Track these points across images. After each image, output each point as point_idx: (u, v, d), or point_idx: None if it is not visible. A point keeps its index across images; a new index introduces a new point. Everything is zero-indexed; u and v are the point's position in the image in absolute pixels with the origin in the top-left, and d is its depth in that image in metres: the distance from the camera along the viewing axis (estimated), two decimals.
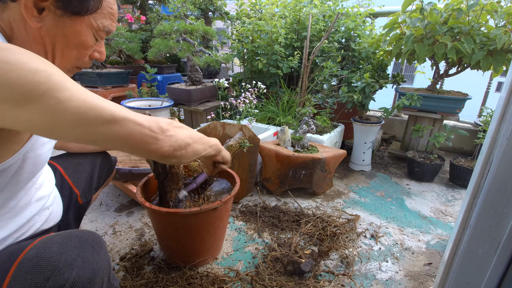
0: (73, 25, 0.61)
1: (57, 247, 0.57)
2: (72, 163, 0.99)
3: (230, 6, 3.44)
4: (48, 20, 0.58)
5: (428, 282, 1.19)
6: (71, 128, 0.52)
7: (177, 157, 0.68)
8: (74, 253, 0.57)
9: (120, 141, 0.58)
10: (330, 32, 2.22)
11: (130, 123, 0.57)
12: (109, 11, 0.66)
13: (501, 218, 0.52)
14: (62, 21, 0.59)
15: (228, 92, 2.94)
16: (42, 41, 0.61)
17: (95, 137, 0.55)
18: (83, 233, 0.63)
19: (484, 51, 1.70)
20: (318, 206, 1.72)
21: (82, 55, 0.67)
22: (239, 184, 1.20)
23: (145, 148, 0.61)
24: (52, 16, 0.58)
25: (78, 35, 0.63)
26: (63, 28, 0.60)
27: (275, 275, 1.17)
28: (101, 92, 2.78)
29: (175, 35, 2.47)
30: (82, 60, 0.68)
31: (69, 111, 0.50)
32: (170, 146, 0.65)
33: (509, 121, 0.48)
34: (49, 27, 0.59)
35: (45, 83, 0.48)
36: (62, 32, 0.61)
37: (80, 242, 0.60)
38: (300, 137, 1.78)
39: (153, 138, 0.61)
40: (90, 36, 0.65)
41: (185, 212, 1.01)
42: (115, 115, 0.55)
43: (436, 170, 2.04)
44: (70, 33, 0.61)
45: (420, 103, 2.02)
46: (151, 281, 1.12)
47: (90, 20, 0.62)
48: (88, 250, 0.60)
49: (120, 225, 1.50)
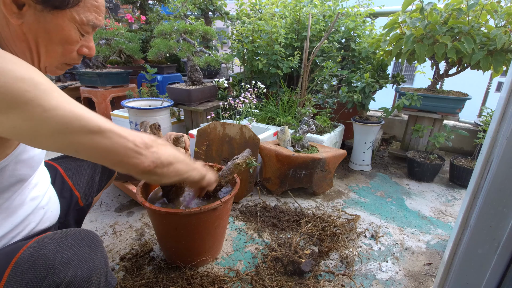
0: (55, 19, 0.59)
1: (53, 246, 0.57)
2: (73, 165, 0.99)
3: (230, 6, 3.44)
4: (29, 15, 0.57)
5: (428, 282, 1.19)
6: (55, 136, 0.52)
7: (158, 174, 0.67)
8: (70, 252, 0.57)
9: (103, 153, 0.57)
10: (330, 32, 2.22)
11: (115, 135, 0.57)
12: (93, 4, 0.63)
13: (501, 218, 0.52)
14: (43, 16, 0.58)
15: (228, 92, 2.94)
16: (25, 38, 0.59)
17: (78, 147, 0.55)
18: (79, 232, 0.63)
19: (484, 51, 1.69)
20: (318, 206, 1.72)
21: (68, 51, 0.65)
22: (239, 184, 1.20)
23: (127, 161, 0.60)
24: (33, 11, 0.57)
25: (61, 30, 0.61)
26: (44, 24, 0.59)
27: (275, 275, 1.17)
28: (101, 92, 2.78)
29: (175, 35, 2.47)
30: (70, 56, 0.66)
31: (54, 120, 0.50)
32: (152, 162, 0.64)
33: (509, 121, 0.48)
34: (30, 23, 0.58)
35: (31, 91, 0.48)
36: (44, 28, 0.59)
37: (76, 241, 0.60)
38: (300, 137, 1.78)
39: (135, 152, 0.61)
40: (74, 30, 0.63)
41: (185, 212, 1.01)
42: (100, 126, 0.55)
43: (436, 170, 2.04)
44: (52, 28, 0.60)
45: (420, 103, 2.02)
46: (151, 281, 1.12)
47: (72, 14, 0.60)
48: (84, 248, 0.60)
49: (120, 225, 1.50)
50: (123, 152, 0.59)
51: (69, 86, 3.11)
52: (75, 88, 3.14)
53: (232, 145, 1.66)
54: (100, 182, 1.07)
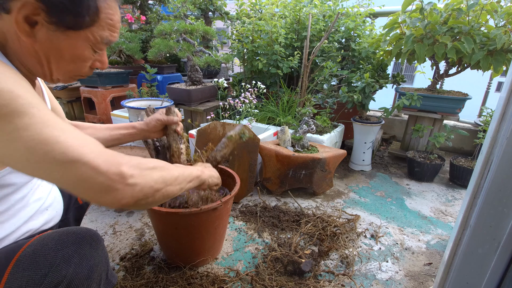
0: (68, 39, 0.58)
1: (54, 244, 0.57)
2: None
3: (230, 6, 3.44)
4: (42, 34, 0.56)
5: (428, 282, 1.19)
6: (23, 161, 0.47)
7: (142, 205, 0.59)
8: (71, 250, 0.57)
9: (71, 186, 0.50)
10: (330, 32, 2.22)
11: (83, 166, 0.49)
12: (108, 23, 0.61)
13: (501, 218, 0.52)
14: (56, 36, 0.56)
15: (228, 92, 2.94)
16: (36, 55, 0.58)
17: (47, 176, 0.50)
18: (80, 230, 0.63)
19: (484, 51, 1.70)
20: (318, 206, 1.72)
21: (81, 67, 0.64)
22: (239, 184, 1.20)
23: (99, 200, 0.52)
24: (46, 30, 0.55)
25: (74, 49, 0.60)
26: (57, 43, 0.57)
27: (275, 275, 1.17)
28: (101, 92, 2.78)
29: (175, 35, 2.47)
30: (82, 71, 0.65)
31: (21, 142, 0.46)
32: (131, 198, 0.54)
33: (509, 121, 0.48)
34: (42, 41, 0.56)
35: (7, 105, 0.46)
36: (57, 47, 0.58)
37: (77, 238, 0.60)
38: (300, 137, 1.78)
39: (108, 188, 0.51)
40: (88, 49, 0.62)
41: (185, 212, 1.01)
42: (66, 155, 0.48)
43: (436, 170, 2.04)
44: (64, 48, 0.58)
45: (420, 103, 2.02)
46: (151, 281, 1.12)
47: (86, 34, 0.59)
48: (85, 246, 0.60)
49: (120, 225, 1.50)
50: (92, 188, 0.50)
51: (69, 86, 3.11)
52: (75, 88, 3.13)
53: None
54: None
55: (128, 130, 1.02)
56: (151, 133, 1.03)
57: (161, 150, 1.11)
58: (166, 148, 1.07)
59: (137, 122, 1.03)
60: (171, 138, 1.05)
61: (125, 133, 1.01)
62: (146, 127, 1.02)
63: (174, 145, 1.04)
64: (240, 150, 1.65)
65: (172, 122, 1.03)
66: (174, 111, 1.05)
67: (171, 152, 1.05)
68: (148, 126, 1.02)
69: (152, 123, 1.02)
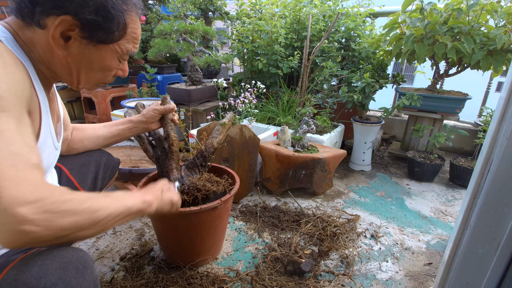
0: (98, 52, 0.64)
1: (36, 270, 0.53)
2: (77, 164, 0.99)
3: (230, 6, 3.44)
4: (74, 48, 0.61)
5: (428, 282, 1.19)
6: None
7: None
8: (55, 277, 0.53)
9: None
10: (330, 32, 2.22)
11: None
12: (133, 36, 0.69)
13: (501, 218, 0.52)
14: (88, 49, 0.63)
15: (228, 92, 2.94)
16: (68, 66, 0.64)
17: None
18: (66, 253, 0.58)
19: (484, 51, 1.69)
20: (318, 206, 1.72)
21: (107, 76, 0.71)
22: (239, 183, 1.20)
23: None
24: (78, 44, 0.61)
25: (103, 60, 0.66)
26: (88, 55, 0.64)
27: (275, 275, 1.17)
28: (101, 92, 2.78)
29: (175, 35, 2.47)
30: (106, 80, 0.73)
31: None
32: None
33: (509, 121, 0.49)
34: (75, 54, 0.62)
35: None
36: (88, 59, 0.64)
37: (62, 263, 0.55)
38: (300, 137, 1.78)
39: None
40: (115, 60, 0.69)
41: (185, 212, 1.01)
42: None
43: (436, 170, 2.04)
44: (95, 59, 0.65)
45: (420, 103, 2.02)
46: (151, 281, 1.12)
47: (115, 47, 0.66)
48: (71, 272, 0.55)
49: (120, 225, 1.50)
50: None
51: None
52: None
53: (232, 145, 1.66)
54: (102, 180, 1.07)
55: (126, 125, 1.02)
56: (149, 124, 1.04)
57: (157, 143, 1.11)
58: (163, 140, 1.09)
59: (133, 116, 1.04)
60: (169, 127, 1.06)
61: (124, 128, 1.02)
62: (143, 118, 1.03)
63: (172, 134, 1.06)
64: (240, 150, 1.65)
65: (169, 110, 1.04)
66: (169, 100, 1.07)
67: (170, 141, 1.06)
68: (146, 117, 1.03)
69: (149, 113, 1.03)
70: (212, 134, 1.17)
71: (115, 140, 1.05)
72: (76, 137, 0.99)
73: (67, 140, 0.96)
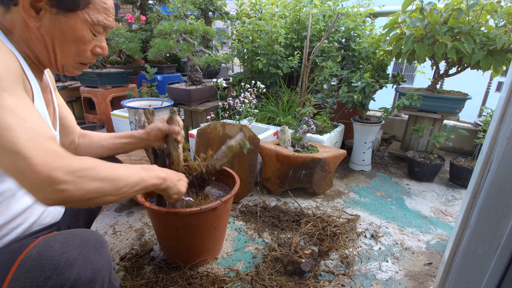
0: (68, 21, 0.66)
1: (59, 246, 0.57)
2: None
3: (230, 6, 3.44)
4: (46, 19, 0.64)
5: (428, 282, 1.19)
6: None
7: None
8: (75, 253, 0.57)
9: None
10: (330, 32, 2.22)
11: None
12: (102, 6, 0.70)
13: (501, 218, 0.52)
14: (58, 19, 0.65)
15: (228, 92, 2.94)
16: (43, 39, 0.66)
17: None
18: (85, 233, 0.63)
19: (484, 51, 1.69)
20: (318, 206, 1.72)
21: (82, 50, 0.71)
22: (239, 184, 1.20)
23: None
24: (49, 15, 0.64)
25: (74, 30, 0.67)
26: (59, 25, 0.66)
27: (275, 275, 1.17)
28: (101, 92, 2.78)
29: (175, 35, 2.47)
30: (84, 56, 0.72)
31: None
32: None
33: (509, 121, 0.48)
34: (47, 25, 0.65)
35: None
36: (59, 29, 0.66)
37: (82, 241, 0.60)
38: (300, 137, 1.78)
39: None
40: (86, 30, 0.69)
41: (185, 212, 1.01)
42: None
43: (436, 170, 2.04)
44: (66, 29, 0.66)
45: (420, 103, 2.02)
46: (151, 281, 1.12)
47: (84, 15, 0.67)
48: (90, 249, 0.60)
49: (120, 225, 1.50)
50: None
51: (69, 86, 3.11)
52: (75, 88, 3.13)
53: None
54: None
55: (129, 139, 1.02)
56: (151, 142, 1.03)
57: (160, 154, 1.09)
58: (165, 155, 1.06)
59: (136, 131, 1.03)
60: (171, 146, 1.04)
61: (127, 142, 1.02)
62: (146, 136, 1.02)
63: (174, 153, 1.04)
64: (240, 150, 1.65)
65: (173, 132, 1.02)
66: (176, 119, 1.04)
67: (171, 160, 1.05)
68: (149, 136, 1.02)
69: (153, 132, 1.01)
70: (216, 155, 1.11)
71: (118, 152, 1.05)
72: (82, 144, 0.99)
73: (74, 144, 0.96)
